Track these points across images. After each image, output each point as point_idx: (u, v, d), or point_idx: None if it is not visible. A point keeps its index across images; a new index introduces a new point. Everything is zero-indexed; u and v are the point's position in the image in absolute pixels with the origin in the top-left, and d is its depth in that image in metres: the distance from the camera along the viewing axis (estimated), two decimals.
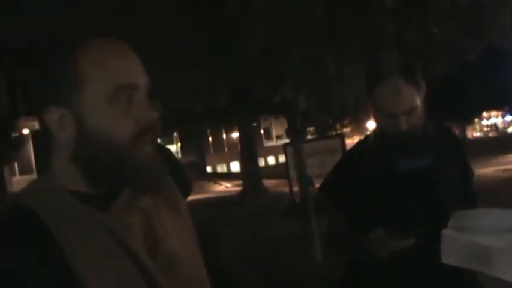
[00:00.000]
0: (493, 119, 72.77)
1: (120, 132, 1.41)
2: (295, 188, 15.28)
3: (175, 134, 46.02)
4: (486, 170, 22.23)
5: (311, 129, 32.48)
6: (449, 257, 2.45)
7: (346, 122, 50.40)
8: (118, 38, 1.48)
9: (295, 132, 10.73)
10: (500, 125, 72.10)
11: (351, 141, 17.93)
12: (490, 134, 66.93)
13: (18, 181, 38.38)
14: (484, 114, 63.41)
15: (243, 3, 7.61)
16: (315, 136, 30.82)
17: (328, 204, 3.07)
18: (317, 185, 20.16)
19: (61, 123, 1.43)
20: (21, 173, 39.09)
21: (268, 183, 29.10)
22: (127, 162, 1.43)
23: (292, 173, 15.93)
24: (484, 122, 73.36)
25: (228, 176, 41.02)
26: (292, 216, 14.15)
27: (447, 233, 2.49)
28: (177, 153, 47.37)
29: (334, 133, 33.61)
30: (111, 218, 1.43)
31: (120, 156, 1.42)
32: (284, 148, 17.37)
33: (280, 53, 7.74)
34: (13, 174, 38.43)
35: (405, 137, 2.72)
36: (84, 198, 1.43)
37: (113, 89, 1.40)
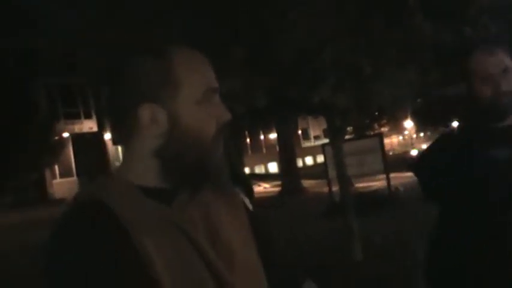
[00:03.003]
0: None
1: (207, 130, 1.54)
2: (334, 188, 15.27)
3: None
4: None
5: (349, 129, 32.33)
6: None
7: (384, 121, 50.14)
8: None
9: (334, 132, 10.69)
10: None
11: (388, 141, 17.82)
12: None
13: (58, 184, 38.92)
14: None
15: (279, 7, 7.62)
16: (353, 136, 30.64)
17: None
18: (356, 185, 19.99)
19: (154, 119, 1.52)
20: (62, 175, 39.53)
21: (306, 183, 29.06)
22: (208, 159, 1.55)
23: (331, 173, 15.95)
24: None
25: (267, 176, 41.01)
26: (331, 216, 14.12)
27: None
28: None
29: (372, 133, 33.47)
30: (176, 212, 1.53)
31: (204, 153, 1.54)
32: (323, 148, 17.41)
33: (317, 54, 7.73)
34: (54, 177, 38.96)
35: (504, 98, 2.77)
36: (151, 193, 1.52)
37: (202, 91, 1.54)
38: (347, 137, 26.63)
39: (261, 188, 33.72)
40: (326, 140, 23.09)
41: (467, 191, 2.76)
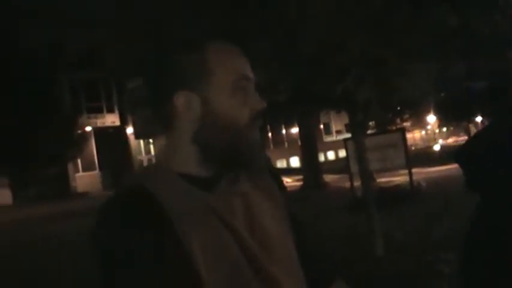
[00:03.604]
0: None
1: (239, 117, 1.61)
2: (356, 183, 15.22)
3: None
4: None
5: (371, 123, 32.20)
6: None
7: (407, 116, 49.88)
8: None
9: (356, 127, 10.64)
10: None
11: (411, 136, 17.74)
12: None
13: (81, 177, 39.16)
14: None
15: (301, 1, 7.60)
16: (375, 131, 30.50)
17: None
18: (378, 180, 19.90)
19: (189, 105, 1.61)
20: (84, 169, 39.76)
21: (328, 178, 29.02)
22: (242, 144, 1.62)
23: (353, 168, 15.90)
24: None
25: (289, 171, 40.98)
26: (353, 211, 14.08)
27: None
28: None
29: (394, 127, 33.30)
30: (216, 199, 1.59)
31: (237, 138, 1.62)
32: (345, 143, 17.36)
33: (340, 47, 7.69)
34: (76, 170, 39.20)
35: None
36: (192, 180, 1.60)
37: (234, 79, 1.63)
38: (369, 131, 26.54)
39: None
40: (348, 135, 23.02)
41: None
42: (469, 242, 2.78)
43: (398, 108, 36.90)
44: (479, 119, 63.92)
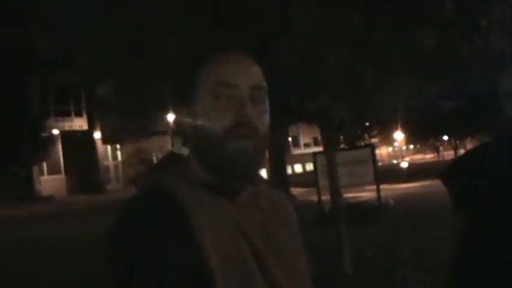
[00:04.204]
0: None
1: (218, 126, 1.62)
2: (324, 197, 15.22)
3: None
4: None
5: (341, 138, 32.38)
6: None
7: (375, 132, 50.25)
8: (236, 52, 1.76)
9: (330, 142, 10.65)
10: None
11: (378, 152, 17.83)
12: None
13: (46, 180, 38.76)
14: None
15: (281, 15, 7.58)
16: (343, 146, 30.65)
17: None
18: (345, 195, 20.05)
19: (184, 120, 1.69)
20: (50, 172, 39.37)
21: (295, 191, 29.04)
22: (219, 153, 1.61)
23: (321, 182, 15.91)
24: None
25: None
26: (321, 225, 14.06)
27: None
28: None
29: (362, 143, 33.50)
30: (235, 209, 1.64)
31: (214, 147, 1.62)
32: (314, 157, 17.37)
33: (318, 63, 7.69)
34: (41, 173, 38.79)
35: None
36: (209, 187, 1.64)
37: (214, 86, 1.64)
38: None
39: None
40: (316, 148, 23.03)
41: (501, 206, 2.57)
42: (460, 263, 2.73)
43: (367, 124, 37.14)
44: (445, 137, 64.62)
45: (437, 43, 7.61)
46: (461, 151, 43.35)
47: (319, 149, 29.48)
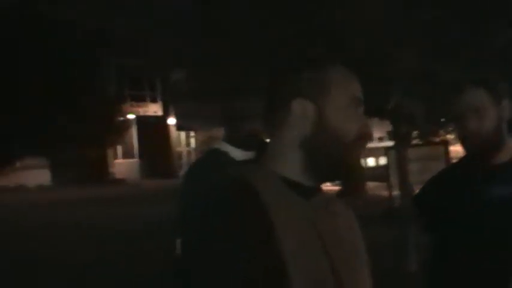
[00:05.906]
0: None
1: (348, 133, 1.73)
2: (395, 192, 15.03)
3: None
4: None
5: (414, 133, 31.87)
6: None
7: (451, 128, 49.40)
8: None
9: (399, 137, 10.52)
10: None
11: (454, 149, 17.52)
12: None
13: (120, 164, 39.42)
14: None
15: (351, 10, 7.54)
16: (417, 141, 30.16)
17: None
18: (417, 192, 19.81)
19: (304, 112, 1.73)
20: (124, 156, 40.02)
21: (367, 185, 28.83)
22: (346, 158, 1.74)
23: (393, 177, 15.71)
24: None
25: None
26: (389, 220, 13.91)
27: None
28: None
29: (437, 139, 32.88)
30: (312, 208, 1.72)
31: (342, 152, 1.73)
32: (386, 151, 17.15)
33: (389, 59, 7.62)
34: (116, 156, 39.47)
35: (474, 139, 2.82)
36: (292, 185, 1.71)
37: (349, 97, 1.76)
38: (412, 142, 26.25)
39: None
40: (389, 142, 22.81)
41: (464, 228, 2.76)
42: (433, 280, 2.96)
43: (443, 119, 36.50)
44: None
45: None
46: None
47: (393, 143, 28.99)
